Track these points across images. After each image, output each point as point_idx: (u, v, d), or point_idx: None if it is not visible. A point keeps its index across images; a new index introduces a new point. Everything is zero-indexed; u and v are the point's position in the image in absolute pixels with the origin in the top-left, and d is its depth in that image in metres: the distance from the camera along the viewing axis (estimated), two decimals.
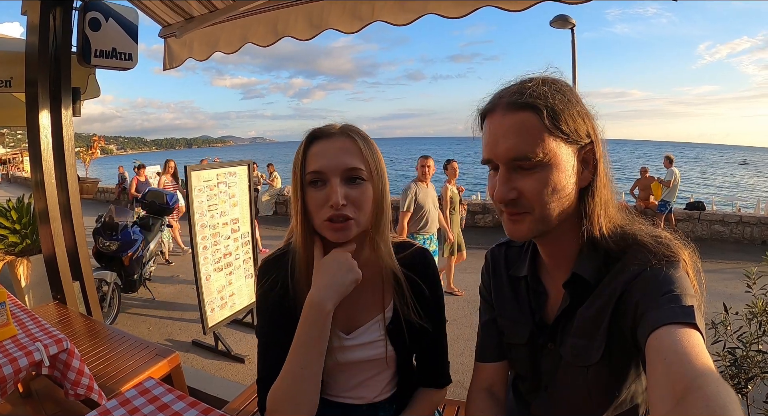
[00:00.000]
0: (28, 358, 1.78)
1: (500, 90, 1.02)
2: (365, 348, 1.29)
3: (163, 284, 7.09)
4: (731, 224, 10.20)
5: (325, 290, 1.09)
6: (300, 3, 2.70)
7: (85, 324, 2.90)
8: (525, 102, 0.94)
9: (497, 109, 0.97)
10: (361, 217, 1.14)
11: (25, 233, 4.96)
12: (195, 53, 3.28)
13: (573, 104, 0.96)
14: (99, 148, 23.60)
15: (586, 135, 0.98)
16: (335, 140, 1.14)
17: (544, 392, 1.15)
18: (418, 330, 1.29)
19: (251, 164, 5.08)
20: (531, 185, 0.94)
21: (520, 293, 1.21)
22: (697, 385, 0.65)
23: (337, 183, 1.10)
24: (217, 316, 4.57)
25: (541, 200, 0.95)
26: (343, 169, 1.11)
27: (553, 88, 0.96)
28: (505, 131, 0.95)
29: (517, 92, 0.96)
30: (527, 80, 0.99)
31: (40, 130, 3.02)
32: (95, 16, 3.13)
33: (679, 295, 0.85)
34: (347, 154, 1.12)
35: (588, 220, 1.00)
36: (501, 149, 0.95)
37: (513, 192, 0.95)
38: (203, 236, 4.38)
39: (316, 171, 1.11)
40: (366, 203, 1.14)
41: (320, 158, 1.12)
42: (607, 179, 1.02)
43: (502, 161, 0.96)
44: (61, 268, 3.17)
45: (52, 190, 3.11)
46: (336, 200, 1.08)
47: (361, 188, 1.13)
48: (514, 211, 0.98)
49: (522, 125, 0.93)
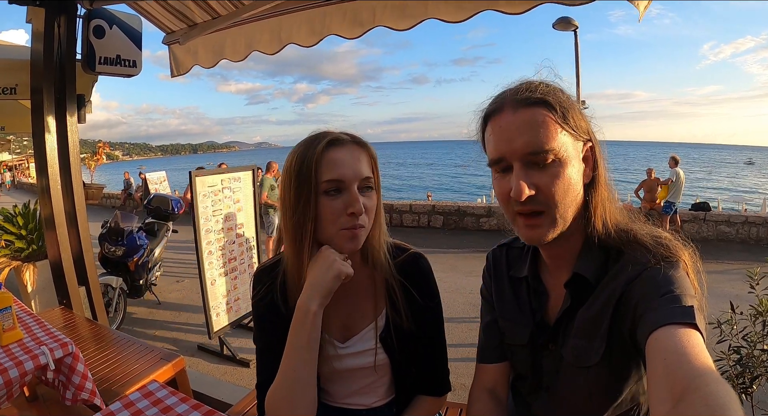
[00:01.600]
0: (34, 362, 1.80)
1: (502, 92, 1.03)
2: (359, 356, 1.29)
3: (169, 289, 7.10)
4: (737, 225, 10.13)
5: (309, 291, 1.09)
6: (300, 8, 2.72)
7: (91, 328, 2.92)
8: (537, 98, 0.95)
9: (505, 107, 0.98)
10: (369, 225, 1.16)
11: (31, 239, 5.00)
12: (201, 60, 3.31)
13: (574, 103, 0.99)
14: (104, 154, 23.67)
15: (587, 133, 1.00)
16: (351, 148, 1.14)
17: (545, 392, 1.15)
18: (411, 338, 1.28)
19: (255, 168, 5.10)
20: (547, 180, 0.94)
21: (520, 294, 1.21)
22: (697, 385, 0.65)
23: (357, 192, 1.10)
24: (222, 321, 4.58)
25: (557, 196, 0.95)
26: (361, 178, 1.12)
27: (558, 88, 0.99)
28: (519, 126, 0.95)
29: (526, 90, 0.97)
30: (530, 82, 1.00)
31: (46, 137, 3.05)
32: (99, 24, 3.16)
33: (678, 295, 0.85)
34: (362, 163, 1.13)
35: (591, 217, 1.01)
36: (517, 145, 0.94)
37: (532, 188, 0.94)
38: (208, 241, 4.39)
39: (336, 179, 1.10)
40: (375, 212, 1.16)
41: (339, 167, 1.10)
42: (606, 179, 1.03)
43: (517, 157, 0.95)
44: (66, 273, 3.20)
45: (57, 196, 3.14)
46: (359, 207, 1.09)
47: (372, 197, 1.15)
48: (531, 210, 0.97)
49: (536, 119, 0.94)
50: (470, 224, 11.77)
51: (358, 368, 1.30)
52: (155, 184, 17.16)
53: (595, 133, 1.04)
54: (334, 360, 1.27)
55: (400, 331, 1.27)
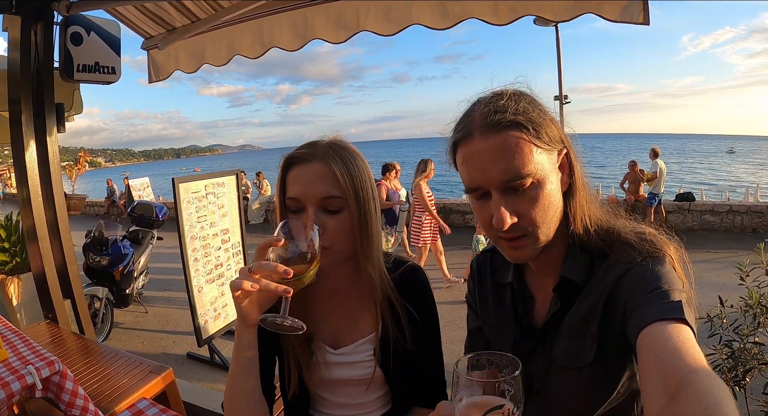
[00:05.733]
0: (20, 382, 1.76)
1: (468, 112, 0.99)
2: (352, 367, 1.28)
3: (156, 297, 7.04)
4: (721, 214, 10.27)
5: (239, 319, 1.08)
6: (279, 10, 2.69)
7: (78, 343, 2.87)
8: (509, 121, 0.91)
9: (475, 134, 0.93)
10: (339, 243, 1.13)
11: (14, 251, 4.90)
12: (182, 65, 3.27)
13: (546, 112, 0.96)
14: (85, 163, 23.33)
15: (560, 141, 0.97)
16: (312, 166, 1.12)
17: (535, 396, 1.13)
18: (407, 352, 1.27)
19: (239, 173, 5.08)
20: (527, 205, 0.92)
21: (504, 299, 1.20)
22: (690, 381, 0.65)
23: (313, 212, 1.09)
24: (211, 328, 4.55)
25: (539, 219, 0.94)
26: (318, 197, 1.10)
27: (526, 100, 0.95)
28: (492, 154, 0.91)
29: (494, 112, 0.92)
30: (498, 97, 0.96)
31: (25, 147, 2.98)
32: (77, 31, 3.09)
33: (666, 291, 0.85)
34: (323, 181, 1.11)
35: (572, 222, 1.00)
36: (493, 174, 0.91)
37: (513, 216, 0.92)
38: (194, 248, 4.36)
39: (293, 198, 1.12)
40: (342, 232, 1.13)
41: (297, 185, 1.11)
42: (583, 180, 1.02)
43: (494, 186, 0.92)
44: (51, 287, 3.14)
45: (39, 207, 3.07)
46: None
47: (338, 217, 1.12)
48: (513, 236, 0.95)
49: (509, 145, 0.90)
50: (457, 220, 11.76)
51: (350, 379, 1.29)
52: (138, 190, 17.06)
53: (568, 129, 1.02)
54: (324, 368, 1.26)
55: (395, 345, 1.25)
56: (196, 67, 3.21)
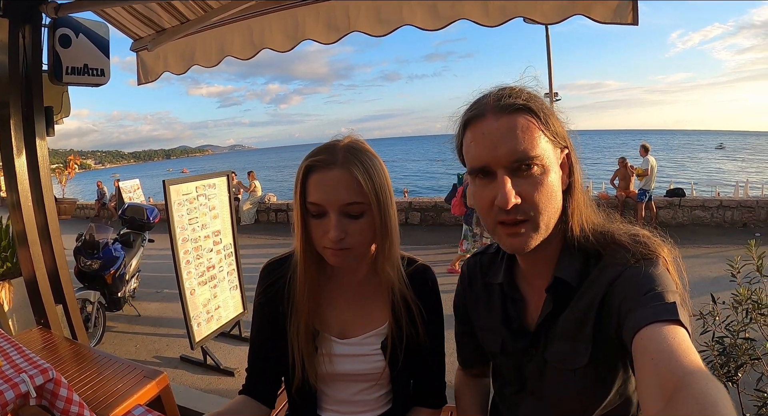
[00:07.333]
0: (14, 390, 1.74)
1: (482, 97, 1.00)
2: (359, 361, 1.29)
3: (148, 300, 7.00)
4: (712, 209, 10.33)
5: None
6: (270, 11, 2.67)
7: (71, 348, 2.84)
8: (521, 104, 0.94)
9: (488, 113, 0.95)
10: (360, 246, 1.16)
11: (5, 257, 4.86)
12: (171, 67, 3.24)
13: (553, 111, 0.98)
14: (75, 167, 23.08)
15: (564, 139, 1.00)
16: (335, 172, 1.11)
17: (530, 396, 1.15)
18: (414, 349, 1.29)
19: (230, 174, 5.07)
20: (531, 188, 0.93)
21: (493, 300, 1.20)
22: (687, 383, 0.65)
23: (335, 218, 1.10)
24: (204, 330, 4.53)
25: (541, 205, 0.94)
26: (341, 204, 1.10)
27: (536, 95, 0.98)
28: (503, 133, 0.92)
29: (509, 96, 0.95)
30: (511, 87, 0.99)
31: (14, 151, 2.95)
32: (65, 33, 3.06)
33: (660, 293, 0.86)
34: (346, 188, 1.11)
35: (569, 222, 1.01)
36: (502, 152, 0.92)
37: (517, 197, 0.92)
38: (185, 251, 4.34)
39: (315, 203, 1.11)
40: (365, 235, 1.15)
41: (319, 191, 1.11)
42: (581, 184, 1.04)
43: (503, 164, 0.93)
44: (42, 292, 3.11)
45: (29, 212, 3.04)
46: (336, 235, 1.09)
47: (360, 221, 1.13)
48: (514, 220, 0.95)
49: (521, 126, 0.92)
50: (448, 219, 11.73)
51: (356, 373, 1.30)
52: (129, 192, 16.95)
53: (568, 130, 1.04)
54: (329, 361, 1.28)
55: (403, 341, 1.27)
56: (186, 68, 3.19)
